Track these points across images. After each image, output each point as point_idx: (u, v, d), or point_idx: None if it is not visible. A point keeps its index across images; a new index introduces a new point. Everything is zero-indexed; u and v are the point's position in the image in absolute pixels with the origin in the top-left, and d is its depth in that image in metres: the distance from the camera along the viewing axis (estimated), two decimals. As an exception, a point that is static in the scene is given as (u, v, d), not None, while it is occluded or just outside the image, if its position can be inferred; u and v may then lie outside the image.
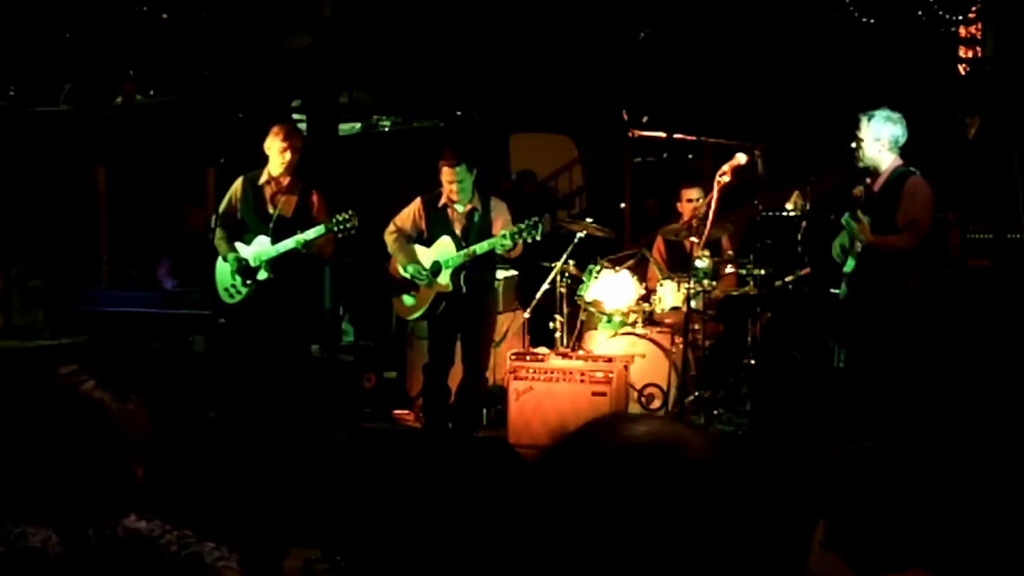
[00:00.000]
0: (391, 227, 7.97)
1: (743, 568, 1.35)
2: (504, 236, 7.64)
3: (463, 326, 7.95)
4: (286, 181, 7.79)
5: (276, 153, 7.73)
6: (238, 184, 7.92)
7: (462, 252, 7.76)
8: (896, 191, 6.88)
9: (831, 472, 2.41)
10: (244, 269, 7.78)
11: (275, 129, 7.80)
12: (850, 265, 7.01)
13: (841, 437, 6.03)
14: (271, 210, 7.78)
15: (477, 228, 7.86)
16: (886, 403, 6.55)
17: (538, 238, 7.70)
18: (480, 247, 7.73)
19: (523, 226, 7.65)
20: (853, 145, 6.98)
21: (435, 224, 7.91)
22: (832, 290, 7.64)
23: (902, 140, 6.94)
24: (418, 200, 7.96)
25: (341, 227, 7.62)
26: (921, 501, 2.32)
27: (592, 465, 1.38)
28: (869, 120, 6.93)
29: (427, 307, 7.91)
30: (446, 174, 7.73)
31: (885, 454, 2.38)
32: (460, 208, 7.84)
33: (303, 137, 7.95)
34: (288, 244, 7.64)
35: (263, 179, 7.82)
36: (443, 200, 7.85)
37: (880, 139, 6.92)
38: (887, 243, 6.87)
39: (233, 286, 7.80)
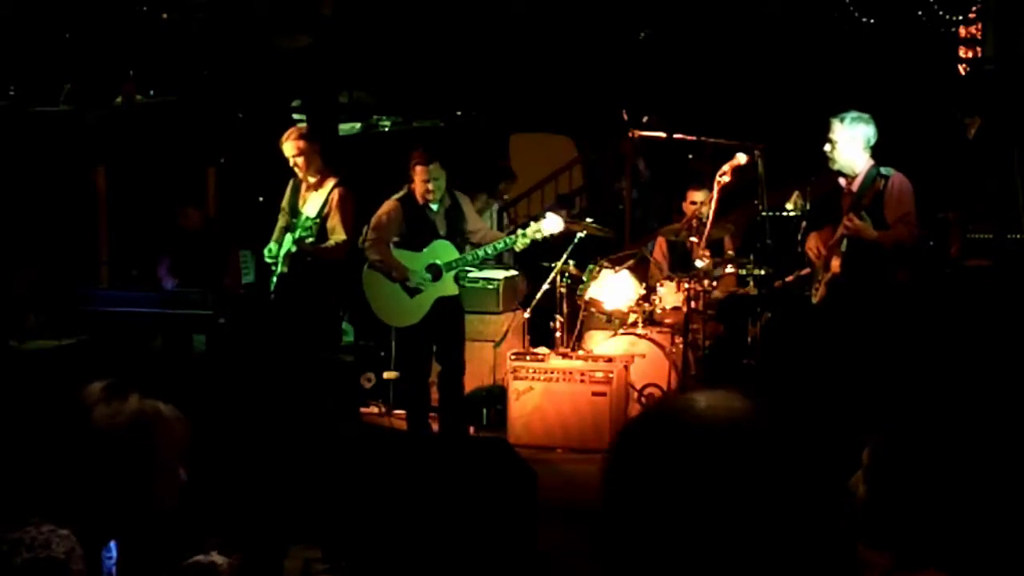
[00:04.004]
0: (371, 235, 7.78)
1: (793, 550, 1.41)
2: (524, 235, 7.67)
3: (446, 328, 7.87)
4: (314, 180, 7.97)
5: (288, 158, 7.95)
6: (289, 184, 8.16)
7: (470, 253, 7.75)
8: (880, 190, 6.90)
9: (874, 459, 2.44)
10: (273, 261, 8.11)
11: (284, 134, 8.01)
12: (835, 265, 7.00)
13: (841, 436, 6.02)
14: (301, 207, 8.02)
15: (457, 225, 7.84)
16: (887, 398, 6.55)
17: (555, 235, 7.85)
18: (494, 246, 7.74)
19: (539, 226, 7.74)
20: (827, 148, 6.99)
21: (416, 225, 7.80)
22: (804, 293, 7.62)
23: (874, 140, 6.98)
24: (392, 201, 7.83)
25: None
26: (932, 498, 2.33)
27: (664, 442, 1.44)
28: (842, 122, 6.95)
29: (427, 312, 7.81)
30: (420, 174, 7.66)
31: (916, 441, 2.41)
32: (435, 207, 7.79)
33: (308, 138, 8.03)
34: (286, 244, 7.78)
35: (298, 178, 8.06)
36: (419, 200, 7.78)
37: (855, 140, 6.95)
38: (890, 238, 6.90)
39: (266, 278, 8.22)
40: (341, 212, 7.82)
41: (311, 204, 7.94)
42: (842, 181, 7.09)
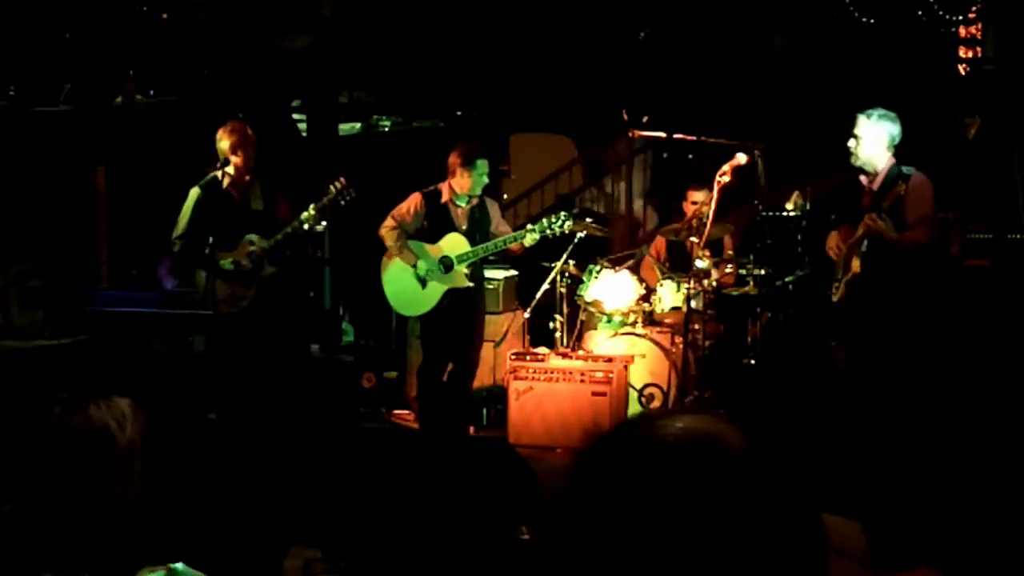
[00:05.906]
0: (390, 222, 7.92)
1: (774, 562, 1.34)
2: (533, 229, 7.70)
3: (461, 323, 7.93)
4: (247, 179, 7.67)
5: (240, 150, 7.59)
6: (196, 195, 7.70)
7: (480, 246, 7.79)
8: (901, 191, 6.89)
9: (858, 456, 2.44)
10: (242, 272, 7.60)
11: (232, 127, 7.64)
12: (856, 265, 7.00)
13: (841, 435, 6.03)
14: (253, 205, 7.69)
15: (480, 224, 7.91)
16: (893, 398, 6.55)
17: (565, 231, 7.85)
18: (504, 240, 7.77)
19: (549, 220, 7.77)
20: (851, 144, 6.99)
21: (437, 220, 7.91)
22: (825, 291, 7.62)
23: (898, 139, 6.99)
24: (418, 195, 7.94)
25: (343, 197, 7.58)
26: (927, 497, 2.33)
27: (630, 463, 1.37)
28: (869, 118, 6.96)
29: (435, 303, 7.88)
30: (481, 167, 7.78)
31: (902, 441, 2.41)
32: (463, 204, 7.88)
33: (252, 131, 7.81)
34: (289, 228, 7.52)
35: (226, 183, 7.66)
36: (445, 197, 7.87)
37: (879, 138, 6.95)
38: (909, 239, 6.89)
39: (232, 294, 7.50)
40: (289, 201, 7.74)
41: (256, 199, 7.67)
42: (863, 179, 7.08)
